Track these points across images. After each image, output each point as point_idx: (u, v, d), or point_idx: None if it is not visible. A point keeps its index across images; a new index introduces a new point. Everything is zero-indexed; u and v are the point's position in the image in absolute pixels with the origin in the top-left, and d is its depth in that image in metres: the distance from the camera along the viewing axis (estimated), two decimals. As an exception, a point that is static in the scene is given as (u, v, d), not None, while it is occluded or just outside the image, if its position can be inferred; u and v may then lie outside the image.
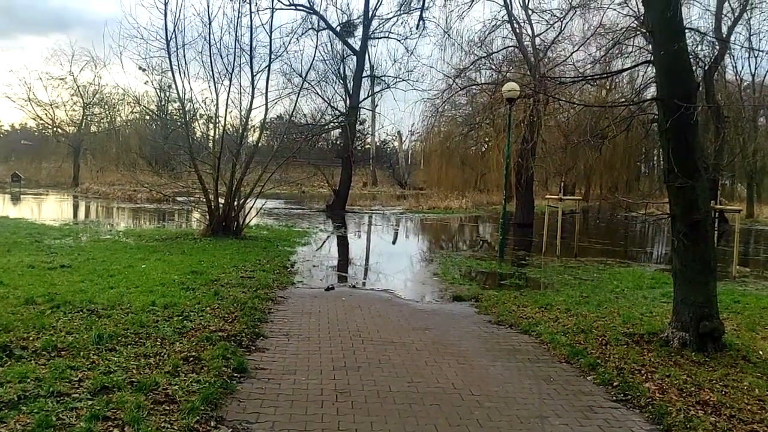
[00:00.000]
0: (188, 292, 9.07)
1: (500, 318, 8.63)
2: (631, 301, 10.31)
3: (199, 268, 11.29)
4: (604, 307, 9.44)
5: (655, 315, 8.86)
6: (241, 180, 17.21)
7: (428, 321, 8.39)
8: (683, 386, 5.60)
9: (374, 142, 56.08)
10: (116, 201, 34.49)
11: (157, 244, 15.39)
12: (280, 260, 13.54)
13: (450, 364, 6.32)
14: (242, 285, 10.00)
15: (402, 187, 58.83)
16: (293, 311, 8.60)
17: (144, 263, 11.82)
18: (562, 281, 12.47)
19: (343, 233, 22.17)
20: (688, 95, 6.67)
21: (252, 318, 7.71)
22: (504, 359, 6.61)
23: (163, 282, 9.68)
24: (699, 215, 6.78)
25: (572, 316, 8.68)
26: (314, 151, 38.96)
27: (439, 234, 25.09)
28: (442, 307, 9.57)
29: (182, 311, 7.68)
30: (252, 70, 17.02)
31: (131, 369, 5.33)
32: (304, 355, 6.39)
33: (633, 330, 7.66)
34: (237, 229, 17.33)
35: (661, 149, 6.99)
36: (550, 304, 9.57)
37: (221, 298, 8.76)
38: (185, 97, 16.44)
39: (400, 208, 36.01)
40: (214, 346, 6.18)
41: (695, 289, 6.86)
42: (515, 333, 7.90)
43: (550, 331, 7.72)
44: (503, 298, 10.14)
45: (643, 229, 31.21)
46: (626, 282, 12.44)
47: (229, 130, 18.61)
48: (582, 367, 6.31)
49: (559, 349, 6.94)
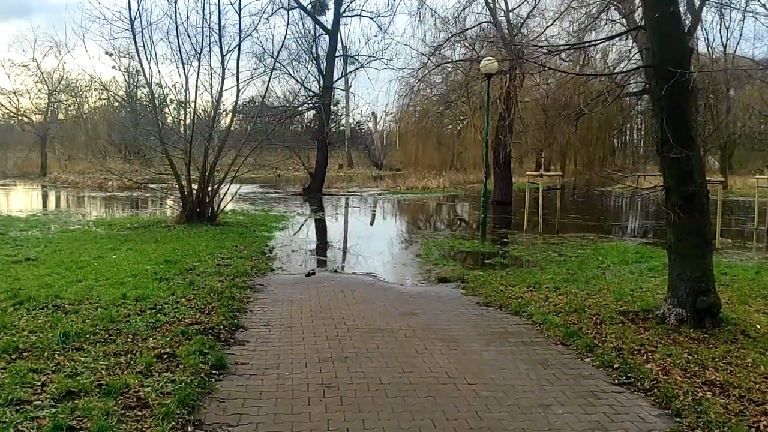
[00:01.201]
0: (162, 283, 8.62)
1: (488, 299, 8.34)
2: (619, 276, 10.10)
3: (173, 257, 10.82)
4: (593, 284, 9.21)
5: (646, 291, 8.65)
6: (214, 165, 16.66)
7: (415, 305, 8.07)
8: (686, 366, 5.36)
9: (349, 123, 55.41)
10: (86, 190, 33.51)
11: (128, 233, 14.84)
12: (257, 246, 13.11)
13: (441, 350, 6.00)
14: (219, 273, 9.57)
15: (378, 168, 58.38)
16: (273, 299, 8.21)
17: (115, 254, 11.32)
18: (547, 258, 12.24)
19: (321, 216, 21.74)
20: (682, 61, 6.37)
21: (230, 308, 7.31)
22: (497, 343, 6.31)
23: (135, 273, 9.21)
24: (694, 186, 6.52)
25: (562, 295, 8.43)
26: (289, 133, 38.28)
27: (418, 214, 24.77)
28: (428, 290, 9.25)
29: (155, 304, 7.24)
30: (222, 51, 16.42)
31: (100, 370, 4.92)
32: (287, 347, 6.02)
33: (627, 307, 7.42)
34: (212, 215, 16.81)
35: (655, 119, 6.69)
36: (538, 282, 9.31)
37: (197, 288, 8.33)
38: (153, 80, 15.77)
39: (377, 190, 35.61)
40: (190, 341, 5.78)
41: (691, 263, 6.62)
42: (505, 315, 7.61)
43: (542, 311, 7.45)
44: (489, 278, 9.86)
45: (619, 204, 31.29)
46: (611, 257, 12.24)
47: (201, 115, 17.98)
48: (579, 348, 6.04)
49: (552, 331, 6.66)
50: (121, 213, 22.06)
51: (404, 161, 51.85)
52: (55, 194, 31.78)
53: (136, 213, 21.71)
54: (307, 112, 38.03)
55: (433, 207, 27.79)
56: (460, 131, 40.04)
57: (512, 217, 21.94)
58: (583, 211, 25.15)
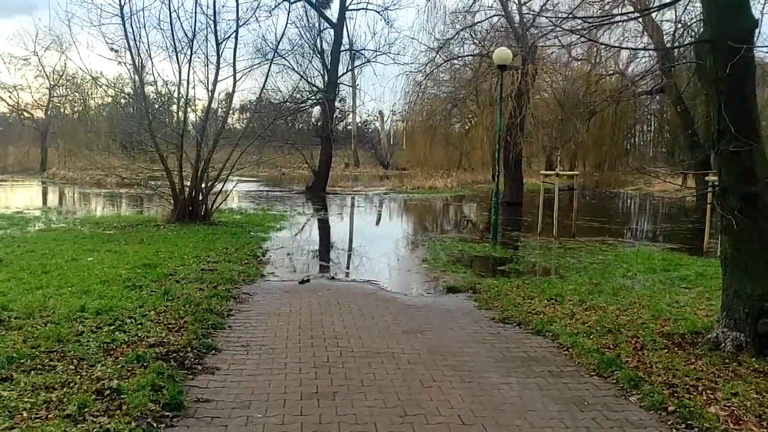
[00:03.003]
0: (133, 291, 7.60)
1: (505, 314, 7.26)
2: (649, 288, 9.00)
3: (153, 260, 9.80)
4: (623, 297, 8.13)
5: (684, 306, 7.56)
6: (208, 160, 15.62)
7: (421, 320, 7.00)
8: (761, 410, 4.27)
9: (355, 120, 54.29)
10: (85, 186, 32.62)
11: (114, 232, 13.84)
12: (250, 248, 12.08)
13: (453, 383, 4.93)
14: (201, 280, 8.53)
15: (384, 167, 57.47)
16: (258, 312, 7.16)
17: (91, 256, 10.31)
18: (565, 265, 11.16)
19: (322, 216, 20.67)
20: (746, 35, 5.28)
21: (204, 324, 6.25)
22: (520, 373, 5.23)
23: (106, 279, 8.18)
24: (757, 186, 5.42)
25: (590, 310, 7.35)
26: (293, 131, 37.23)
27: (425, 215, 23.66)
28: (436, 301, 8.17)
29: (117, 318, 6.20)
30: (216, 37, 15.38)
31: (20, 412, 3.87)
32: (264, 377, 4.96)
33: (669, 328, 6.33)
34: (205, 215, 15.80)
35: (711, 106, 5.58)
36: (560, 294, 8.23)
37: (171, 298, 7.29)
38: (142, 68, 14.72)
39: (383, 189, 34.54)
40: (145, 369, 4.73)
41: (752, 278, 5.51)
42: (526, 334, 6.53)
43: (569, 331, 6.36)
44: (504, 288, 8.78)
45: (634, 206, 30.11)
46: (636, 265, 11.15)
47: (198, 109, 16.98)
48: (620, 382, 4.95)
49: (585, 357, 5.57)
50: (113, 211, 21.09)
51: (411, 160, 50.84)
52: (51, 191, 30.89)
53: (128, 211, 20.74)
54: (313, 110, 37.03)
55: (441, 208, 26.70)
56: (468, 130, 38.96)
57: (524, 219, 20.84)
58: (598, 213, 23.97)
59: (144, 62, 14.86)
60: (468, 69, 29.38)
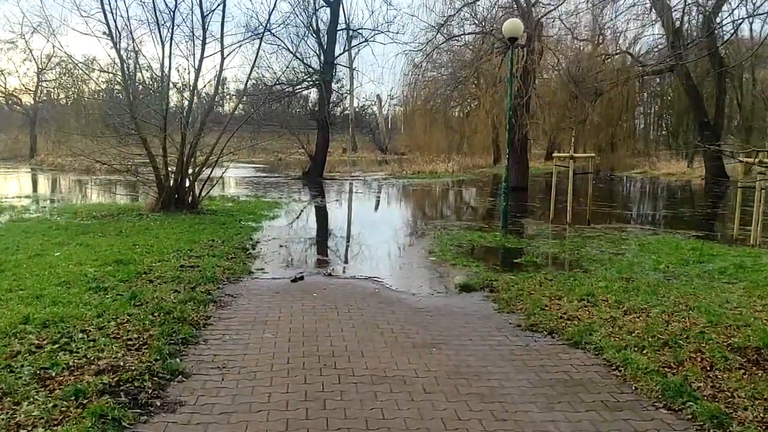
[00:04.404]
0: (96, 294, 6.49)
1: (532, 320, 6.16)
2: (689, 284, 7.92)
3: (128, 256, 8.69)
4: (663, 296, 7.04)
5: (740, 308, 6.46)
6: (195, 144, 14.45)
7: (434, 329, 5.90)
8: None
9: (353, 103, 52.89)
10: (73, 173, 31.40)
11: (92, 222, 12.71)
12: (239, 239, 10.98)
13: (483, 421, 3.83)
14: (178, 280, 7.41)
15: (383, 152, 56.47)
16: (241, 320, 6.05)
17: (59, 250, 9.19)
18: (587, 256, 10.07)
19: (319, 203, 19.51)
20: None
21: (173, 339, 5.15)
22: (565, 404, 4.13)
23: (68, 280, 7.06)
24: None
25: (630, 313, 6.26)
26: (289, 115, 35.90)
27: (427, 201, 22.48)
28: (449, 303, 7.06)
29: (67, 332, 5.09)
30: (202, 9, 14.15)
31: None
32: (241, 415, 3.85)
33: (738, 340, 5.22)
34: (193, 203, 14.66)
35: None
36: (591, 293, 7.12)
37: (139, 303, 6.18)
38: (117, 38, 13.44)
39: (382, 174, 33.40)
40: (82, 410, 3.62)
41: None
42: (561, 346, 5.43)
43: (615, 343, 5.26)
44: (526, 285, 7.68)
45: (643, 189, 28.98)
46: (665, 256, 10.07)
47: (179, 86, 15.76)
48: (698, 419, 3.86)
49: (643, 381, 4.46)
50: (97, 199, 19.92)
51: (410, 145, 49.72)
52: (36, 178, 29.69)
53: (114, 199, 19.57)
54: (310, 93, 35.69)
55: (443, 193, 25.55)
56: (469, 113, 37.77)
57: (531, 205, 19.75)
58: (608, 198, 22.86)
59: (121, 35, 13.60)
60: (468, 50, 28.19)
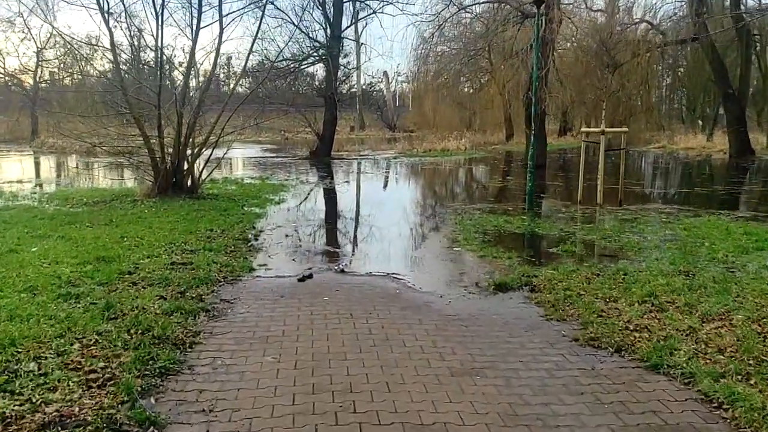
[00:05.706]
0: (65, 303, 5.43)
1: (590, 331, 5.05)
2: (759, 278, 6.79)
3: (112, 252, 7.63)
4: (737, 296, 5.93)
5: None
6: (193, 124, 13.32)
7: (472, 346, 4.80)
8: None
9: (360, 79, 51.40)
10: (74, 155, 30.38)
11: (82, 210, 11.69)
12: (240, 228, 9.91)
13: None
14: (166, 281, 6.35)
15: (392, 130, 55.36)
16: (237, 336, 4.97)
17: (37, 244, 8.14)
18: (630, 244, 8.94)
19: (328, 185, 18.37)
20: None
21: (149, 369, 4.07)
22: (670, 470, 3.05)
23: (36, 284, 6.01)
24: None
25: (710, 321, 5.17)
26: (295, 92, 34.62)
27: (443, 181, 21.27)
28: (484, 308, 5.94)
29: (15, 361, 4.03)
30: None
31: None
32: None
33: None
34: (192, 187, 13.58)
35: None
36: (653, 293, 6.01)
37: (113, 316, 5.11)
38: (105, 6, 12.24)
39: (392, 152, 32.22)
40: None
41: None
42: (636, 370, 4.32)
43: (708, 368, 4.15)
44: (572, 283, 6.57)
45: (669, 166, 27.66)
46: (718, 242, 8.94)
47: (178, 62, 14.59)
48: None
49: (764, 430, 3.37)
50: (94, 183, 18.87)
51: (419, 122, 48.56)
52: (34, 161, 28.70)
53: (111, 183, 18.52)
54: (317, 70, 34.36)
55: (458, 172, 24.36)
56: (480, 89, 36.41)
57: (552, 184, 18.57)
58: (633, 176, 21.58)
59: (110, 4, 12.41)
60: (480, 22, 26.82)
